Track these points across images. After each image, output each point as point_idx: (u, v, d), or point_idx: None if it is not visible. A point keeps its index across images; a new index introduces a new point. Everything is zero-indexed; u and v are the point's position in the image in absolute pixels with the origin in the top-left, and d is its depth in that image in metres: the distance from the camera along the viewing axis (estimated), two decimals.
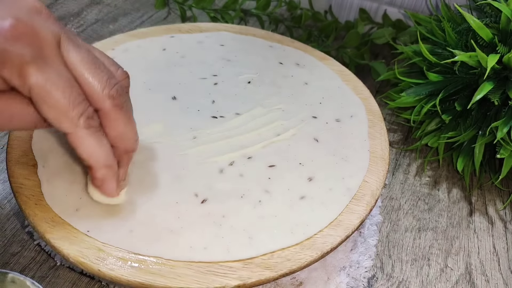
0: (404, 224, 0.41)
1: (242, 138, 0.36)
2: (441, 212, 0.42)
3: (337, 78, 0.43)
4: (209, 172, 0.33)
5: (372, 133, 0.38)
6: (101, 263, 0.27)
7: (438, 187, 0.44)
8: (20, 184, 0.31)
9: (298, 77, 0.42)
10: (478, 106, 0.42)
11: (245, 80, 0.41)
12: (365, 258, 0.35)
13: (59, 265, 0.34)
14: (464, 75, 0.42)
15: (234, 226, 0.30)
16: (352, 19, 0.62)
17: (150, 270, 0.27)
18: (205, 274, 0.27)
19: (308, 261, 0.28)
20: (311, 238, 0.30)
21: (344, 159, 0.35)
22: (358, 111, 0.39)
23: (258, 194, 0.32)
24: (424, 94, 0.44)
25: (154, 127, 0.35)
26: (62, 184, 0.31)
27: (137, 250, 0.28)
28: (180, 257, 0.28)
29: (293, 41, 0.47)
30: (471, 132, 0.42)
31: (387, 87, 0.54)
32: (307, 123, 0.37)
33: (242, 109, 0.38)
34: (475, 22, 0.39)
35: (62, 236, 0.28)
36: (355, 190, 0.33)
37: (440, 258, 0.38)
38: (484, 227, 0.41)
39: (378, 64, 0.53)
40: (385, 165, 0.35)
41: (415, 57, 0.46)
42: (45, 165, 0.32)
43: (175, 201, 0.31)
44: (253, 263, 0.28)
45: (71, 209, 0.30)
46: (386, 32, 0.55)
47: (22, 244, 0.35)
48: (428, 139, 0.45)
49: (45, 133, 0.34)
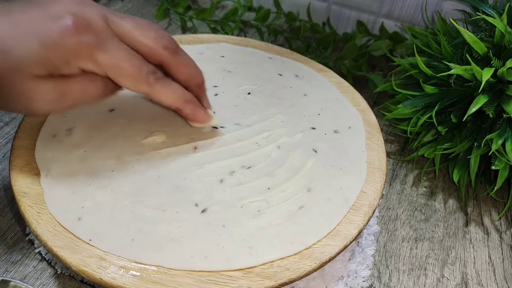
0: (401, 234, 0.41)
1: (242, 148, 0.36)
2: (438, 222, 0.43)
3: (335, 90, 0.44)
4: (210, 182, 0.33)
5: (369, 144, 0.38)
6: (103, 272, 0.27)
7: (434, 197, 0.45)
8: (23, 193, 0.31)
9: (297, 88, 0.43)
10: (473, 118, 0.43)
11: (245, 91, 0.42)
12: (363, 268, 0.36)
13: (59, 273, 0.34)
14: (459, 87, 0.43)
15: (234, 235, 0.30)
16: (349, 31, 0.63)
17: (152, 279, 0.27)
18: (206, 283, 0.27)
19: (307, 271, 0.29)
20: (310, 248, 0.30)
21: (342, 169, 0.35)
22: (356, 123, 0.40)
23: (258, 204, 0.32)
24: (420, 106, 0.45)
25: (156, 137, 0.36)
26: (64, 193, 0.31)
27: (139, 259, 0.28)
28: (181, 266, 0.28)
29: (292, 53, 0.48)
30: (467, 144, 0.42)
31: (384, 99, 0.55)
32: (306, 134, 0.38)
33: (242, 120, 0.39)
34: (470, 36, 0.40)
35: (64, 244, 0.28)
36: (353, 201, 0.33)
37: (436, 268, 0.39)
38: (480, 237, 0.42)
39: (375, 76, 0.54)
40: (382, 176, 0.35)
41: (412, 69, 0.47)
42: (48, 174, 0.32)
43: (175, 210, 0.31)
44: (253, 272, 0.28)
45: (74, 218, 0.30)
46: (383, 44, 0.56)
47: (23, 252, 0.36)
48: (424, 150, 0.46)
49: (48, 142, 0.35)
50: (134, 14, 0.65)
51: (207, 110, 0.35)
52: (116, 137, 0.35)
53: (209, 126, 0.37)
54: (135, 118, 0.37)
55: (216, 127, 0.37)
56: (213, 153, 0.35)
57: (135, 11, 0.66)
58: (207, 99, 0.35)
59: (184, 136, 0.36)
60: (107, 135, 0.36)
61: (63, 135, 0.35)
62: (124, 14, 0.30)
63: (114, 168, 0.33)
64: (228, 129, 0.37)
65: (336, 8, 0.63)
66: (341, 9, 0.63)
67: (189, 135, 0.36)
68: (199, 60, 0.45)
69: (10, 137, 0.45)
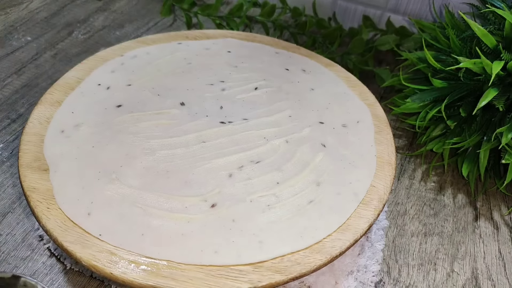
0: (410, 229, 0.41)
1: (251, 143, 0.36)
2: (447, 217, 0.42)
3: (343, 84, 0.43)
4: (218, 177, 0.33)
5: (378, 139, 0.38)
6: (113, 266, 0.27)
7: (443, 192, 0.45)
8: (32, 188, 0.31)
9: (304, 83, 0.43)
10: (482, 112, 0.42)
11: (252, 86, 0.42)
12: (372, 263, 0.36)
13: (69, 269, 0.34)
14: (468, 81, 0.43)
15: (244, 230, 0.30)
16: (356, 25, 0.63)
17: (162, 273, 0.27)
18: (216, 278, 0.27)
19: (317, 265, 0.29)
20: (320, 242, 0.30)
21: (352, 164, 0.35)
22: (364, 117, 0.40)
23: (267, 198, 0.32)
24: (428, 100, 0.44)
25: (164, 132, 0.35)
26: (73, 188, 0.31)
27: (149, 254, 0.28)
28: (191, 260, 0.28)
29: (298, 48, 0.48)
30: (476, 138, 0.42)
31: (391, 93, 0.54)
32: (314, 129, 0.38)
33: (249, 115, 0.38)
34: (480, 29, 0.39)
35: (74, 239, 0.28)
36: (363, 195, 0.33)
37: (446, 262, 0.38)
38: (490, 232, 0.42)
39: (382, 70, 0.54)
40: (391, 170, 0.35)
41: (420, 63, 0.47)
42: (57, 169, 0.32)
43: (185, 205, 0.31)
44: (263, 267, 0.28)
45: (83, 213, 0.30)
46: (390, 39, 0.56)
47: (32, 248, 0.36)
48: (433, 145, 0.46)
49: (57, 138, 0.34)
50: (139, 11, 0.65)
51: None
52: (124, 133, 0.35)
53: (217, 121, 0.37)
54: (142, 113, 0.37)
55: (224, 122, 0.37)
56: (221, 148, 0.35)
57: (140, 7, 0.66)
58: None
59: (191, 131, 0.36)
60: (115, 130, 0.35)
61: (71, 130, 0.35)
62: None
63: (122, 163, 0.33)
64: (236, 123, 0.37)
65: (342, 3, 0.62)
66: (347, 3, 0.62)
67: (197, 130, 0.36)
68: (205, 55, 0.45)
69: (18, 133, 0.45)
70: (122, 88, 0.40)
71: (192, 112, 0.38)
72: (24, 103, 0.48)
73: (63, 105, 0.37)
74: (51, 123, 0.36)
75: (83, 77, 0.41)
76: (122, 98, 0.38)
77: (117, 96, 0.39)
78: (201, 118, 0.37)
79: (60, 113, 0.37)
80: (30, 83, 0.51)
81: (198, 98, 0.39)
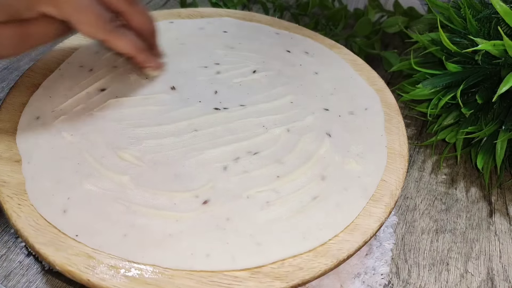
0: (420, 225, 0.38)
1: (248, 131, 0.33)
2: (460, 212, 0.40)
3: (349, 68, 0.40)
4: (212, 170, 0.31)
5: (389, 128, 0.35)
6: (91, 272, 0.25)
7: (455, 185, 0.42)
8: (2, 182, 0.29)
9: (307, 66, 0.40)
10: (500, 99, 0.39)
11: (250, 69, 0.39)
12: (381, 264, 0.33)
13: (47, 270, 0.32)
14: (486, 65, 0.39)
15: (240, 230, 0.28)
16: (361, 6, 0.60)
17: (146, 280, 0.25)
18: (208, 285, 0.25)
19: (322, 270, 0.26)
20: (325, 244, 0.28)
21: (360, 155, 0.33)
22: (373, 103, 0.37)
23: (266, 194, 0.30)
24: (441, 85, 0.41)
25: (151, 119, 0.33)
26: (48, 182, 0.29)
27: (132, 257, 0.26)
28: (179, 265, 0.26)
29: (301, 28, 0.45)
30: (493, 127, 0.39)
31: (399, 79, 0.51)
32: (318, 116, 0.35)
33: (247, 101, 0.36)
34: (502, 7, 0.36)
35: (47, 241, 0.26)
36: (373, 191, 0.31)
37: (459, 262, 0.36)
38: (506, 229, 0.39)
39: (390, 54, 0.51)
40: (404, 162, 0.33)
41: (432, 46, 0.43)
42: (30, 161, 0.30)
43: (173, 202, 0.29)
44: (261, 273, 0.26)
45: (58, 211, 0.28)
46: (399, 20, 0.53)
47: (7, 246, 0.33)
48: (445, 134, 0.43)
49: (31, 125, 0.32)
50: None
51: (158, 59, 0.37)
52: (107, 120, 0.33)
53: (210, 108, 0.34)
54: (128, 98, 0.34)
55: (218, 108, 0.34)
56: (215, 137, 0.33)
57: None
58: (159, 48, 0.37)
59: (182, 119, 0.33)
60: (97, 117, 0.33)
61: (48, 117, 0.32)
62: None
63: (104, 154, 0.30)
64: (232, 110, 0.35)
65: None
66: None
67: (188, 118, 0.33)
68: (200, 35, 0.42)
69: None
70: (107, 71, 0.37)
71: (184, 97, 0.35)
72: (4, 87, 0.45)
73: (40, 88, 0.35)
74: (26, 108, 0.33)
75: (64, 58, 0.38)
76: (106, 81, 0.36)
77: (101, 79, 0.36)
78: (193, 104, 0.35)
79: (36, 97, 0.34)
80: (11, 66, 0.48)
81: (190, 82, 0.37)
